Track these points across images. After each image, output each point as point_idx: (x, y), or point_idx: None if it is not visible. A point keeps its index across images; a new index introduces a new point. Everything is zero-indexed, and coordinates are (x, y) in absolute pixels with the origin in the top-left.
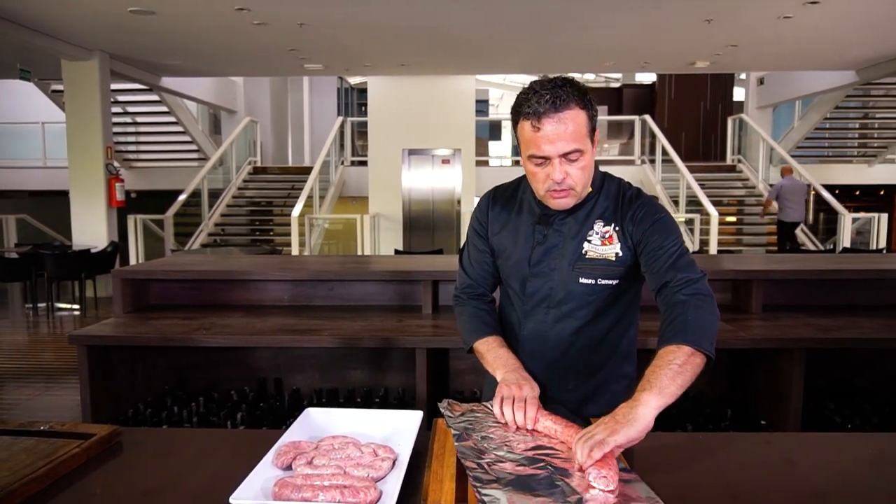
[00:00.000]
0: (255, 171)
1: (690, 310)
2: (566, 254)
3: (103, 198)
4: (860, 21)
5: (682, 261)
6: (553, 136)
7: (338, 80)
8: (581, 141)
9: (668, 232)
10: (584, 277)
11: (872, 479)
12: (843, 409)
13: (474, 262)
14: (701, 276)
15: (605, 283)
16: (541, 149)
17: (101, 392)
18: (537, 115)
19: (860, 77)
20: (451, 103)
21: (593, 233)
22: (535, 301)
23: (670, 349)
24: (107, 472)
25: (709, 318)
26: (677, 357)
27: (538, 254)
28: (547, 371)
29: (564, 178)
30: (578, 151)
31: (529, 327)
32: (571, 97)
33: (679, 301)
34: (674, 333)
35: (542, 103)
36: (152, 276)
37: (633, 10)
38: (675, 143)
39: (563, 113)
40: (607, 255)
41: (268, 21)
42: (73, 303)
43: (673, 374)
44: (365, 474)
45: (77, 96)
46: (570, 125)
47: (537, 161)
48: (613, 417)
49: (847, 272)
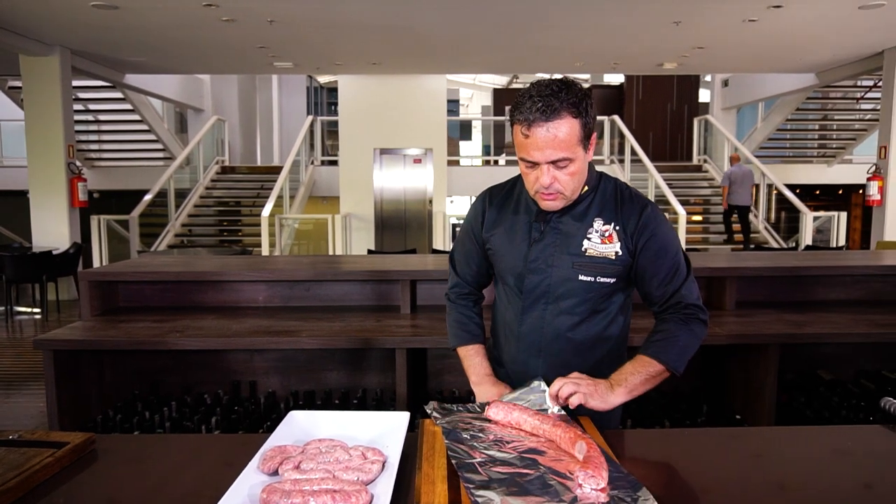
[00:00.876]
0: (223, 171)
1: (683, 336)
2: (565, 251)
3: (65, 198)
4: (821, 25)
5: (687, 287)
6: (542, 144)
7: (307, 79)
8: (570, 149)
9: (668, 248)
10: (584, 275)
11: (834, 470)
12: (812, 402)
13: (463, 261)
14: (700, 305)
15: (603, 280)
16: (530, 154)
17: (68, 398)
18: (528, 123)
19: (820, 80)
20: (422, 103)
21: (593, 231)
22: (535, 296)
23: (652, 361)
24: (82, 483)
25: (694, 344)
26: (654, 369)
27: (536, 250)
28: (546, 365)
29: (552, 182)
30: (567, 160)
31: (528, 322)
32: (564, 106)
33: (678, 323)
34: (661, 350)
35: (532, 111)
36: (121, 277)
37: (602, 12)
38: (642, 143)
39: (552, 122)
40: (607, 254)
41: (236, 17)
42: (34, 306)
43: (644, 381)
44: (355, 478)
45: (36, 93)
46: (560, 134)
47: (527, 164)
48: (595, 385)
49: (817, 269)
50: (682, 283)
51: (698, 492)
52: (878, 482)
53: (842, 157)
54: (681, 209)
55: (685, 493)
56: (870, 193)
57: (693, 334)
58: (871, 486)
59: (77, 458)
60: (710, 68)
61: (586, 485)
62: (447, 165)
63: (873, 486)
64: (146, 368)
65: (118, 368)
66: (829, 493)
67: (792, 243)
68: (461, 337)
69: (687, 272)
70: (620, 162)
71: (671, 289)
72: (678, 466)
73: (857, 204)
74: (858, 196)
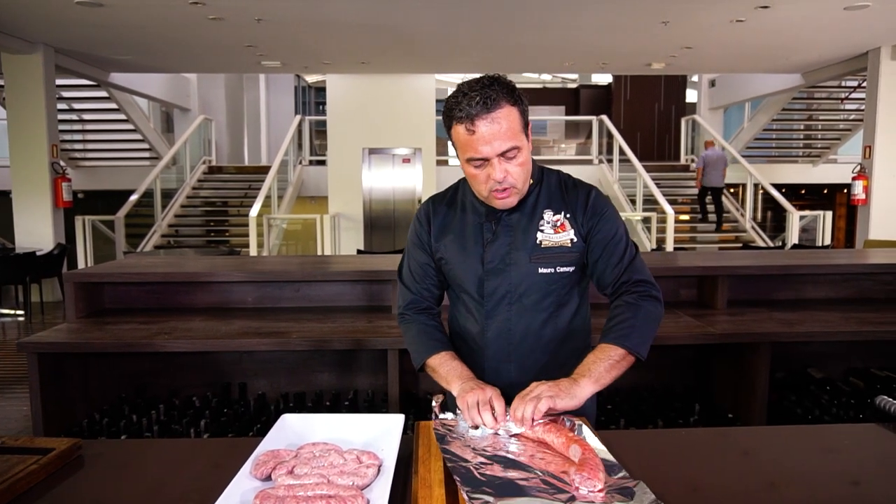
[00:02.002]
0: (210, 171)
1: (641, 314)
2: (520, 247)
3: (49, 198)
4: (807, 25)
5: (636, 263)
6: (489, 137)
7: (295, 79)
8: (516, 138)
9: (615, 228)
10: (543, 267)
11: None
12: (803, 400)
13: (416, 276)
14: (652, 280)
15: (563, 270)
16: (478, 150)
17: (53, 402)
18: (470, 118)
19: (805, 80)
20: (411, 102)
21: (544, 222)
22: (496, 299)
23: (613, 347)
24: (68, 490)
25: (652, 324)
26: (615, 354)
27: (490, 252)
28: (517, 370)
29: (505, 176)
30: (515, 148)
31: (494, 328)
32: (501, 95)
33: (630, 303)
34: (618, 335)
35: (473, 105)
36: (107, 279)
37: (591, 12)
38: (630, 142)
39: (495, 112)
40: (562, 242)
41: (224, 16)
42: (17, 308)
43: (609, 367)
44: (350, 482)
45: (19, 92)
46: (504, 123)
47: (476, 163)
48: (557, 385)
49: (807, 267)
50: (632, 262)
51: (691, 490)
52: (865, 480)
53: (827, 157)
54: (669, 208)
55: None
56: (855, 193)
57: (648, 314)
58: (859, 483)
59: (63, 465)
60: (698, 68)
61: (583, 487)
62: (436, 165)
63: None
64: (133, 371)
65: (104, 371)
66: (819, 490)
67: (779, 242)
68: (430, 346)
69: (635, 252)
70: (609, 162)
71: (621, 268)
72: (670, 465)
73: (842, 203)
74: (843, 195)
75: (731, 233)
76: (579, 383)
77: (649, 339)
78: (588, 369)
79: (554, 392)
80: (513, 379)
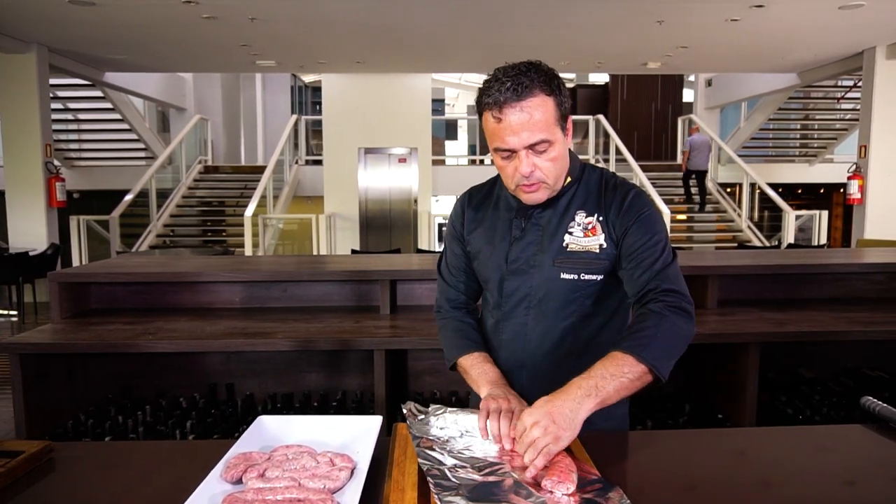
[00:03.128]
0: (206, 171)
1: (665, 325)
2: (546, 249)
3: (42, 198)
4: (802, 25)
5: (671, 270)
6: (517, 127)
7: (291, 78)
8: (548, 130)
9: (653, 231)
10: (566, 273)
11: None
12: (794, 400)
13: (453, 269)
14: (685, 293)
15: (588, 278)
16: (505, 141)
17: (36, 403)
18: (498, 105)
19: (802, 80)
20: (407, 102)
21: (575, 224)
22: (514, 301)
23: (629, 359)
24: (34, 494)
25: (678, 341)
26: (632, 371)
27: (516, 250)
28: (529, 378)
29: (533, 171)
30: (546, 142)
31: (509, 331)
32: (536, 83)
33: (656, 311)
34: (638, 345)
35: (503, 91)
36: (93, 278)
37: (586, 10)
38: (628, 142)
39: (526, 101)
40: (591, 248)
41: (217, 14)
42: (11, 308)
43: (620, 388)
44: (321, 486)
45: (13, 91)
46: (536, 114)
47: (503, 154)
48: (553, 420)
49: (797, 267)
50: (664, 269)
51: (681, 491)
52: (859, 480)
53: (823, 157)
54: (665, 208)
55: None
56: (850, 192)
57: (674, 327)
58: (854, 483)
59: (32, 468)
60: (694, 68)
61: (556, 491)
62: (432, 165)
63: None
64: (119, 372)
65: (91, 372)
66: (814, 490)
67: (775, 242)
68: (463, 346)
69: (672, 259)
70: (605, 161)
71: (651, 274)
72: (665, 466)
73: (839, 203)
74: (840, 195)
75: (728, 232)
76: (582, 407)
77: (672, 357)
78: (595, 387)
79: (553, 433)
80: (524, 387)
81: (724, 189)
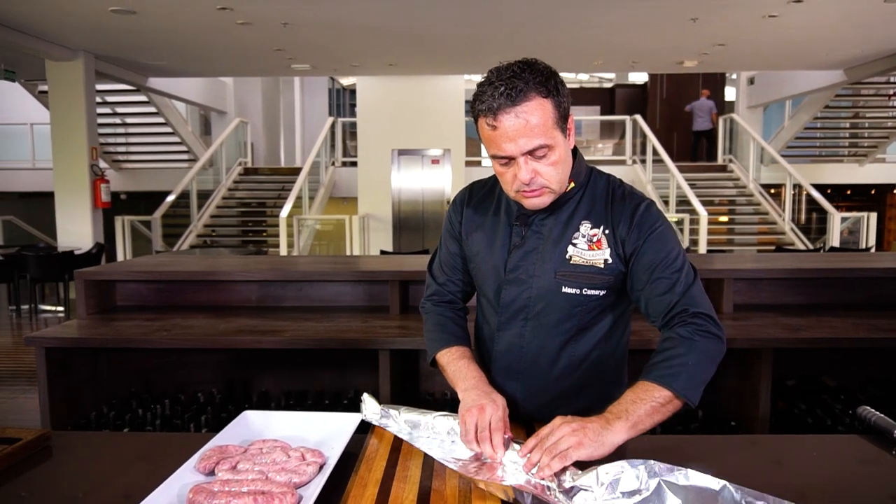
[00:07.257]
0: (245, 172)
1: (694, 353)
2: (547, 259)
3: (88, 199)
4: (845, 20)
5: (695, 290)
6: (513, 134)
7: (329, 81)
8: (547, 134)
9: (669, 248)
10: (568, 286)
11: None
12: (814, 409)
13: (445, 266)
14: (713, 315)
15: (590, 293)
16: (501, 148)
17: (60, 395)
18: (493, 112)
19: (848, 76)
20: (440, 103)
21: (579, 235)
22: (511, 312)
23: (655, 387)
24: (29, 478)
25: (707, 365)
26: (661, 396)
27: (515, 258)
28: (522, 391)
29: (534, 177)
30: (545, 147)
31: (504, 341)
32: (531, 86)
33: (684, 337)
34: (665, 374)
35: (496, 97)
36: (116, 277)
37: (618, 9)
38: (667, 142)
39: (521, 106)
40: (595, 262)
41: (251, 21)
42: (58, 304)
43: (651, 411)
44: (287, 479)
45: (61, 97)
46: (532, 118)
47: (501, 161)
48: (584, 429)
49: (817, 271)
50: (687, 290)
51: None
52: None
53: (874, 156)
54: (702, 210)
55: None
56: None
57: (705, 352)
58: None
59: (28, 456)
60: (732, 66)
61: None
62: (466, 166)
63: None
64: (142, 367)
65: (114, 366)
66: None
67: (819, 245)
68: (441, 340)
69: (693, 278)
70: (642, 162)
71: (672, 298)
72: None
73: (893, 204)
74: (894, 196)
75: (770, 235)
76: (612, 428)
77: (702, 383)
78: (625, 410)
79: (579, 438)
80: (517, 400)
81: (768, 190)
